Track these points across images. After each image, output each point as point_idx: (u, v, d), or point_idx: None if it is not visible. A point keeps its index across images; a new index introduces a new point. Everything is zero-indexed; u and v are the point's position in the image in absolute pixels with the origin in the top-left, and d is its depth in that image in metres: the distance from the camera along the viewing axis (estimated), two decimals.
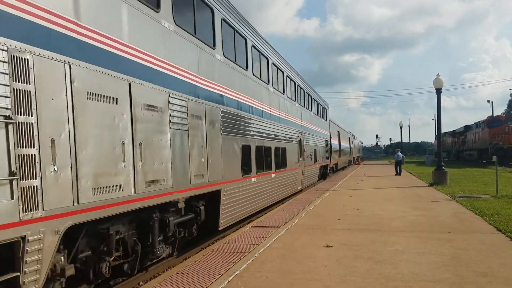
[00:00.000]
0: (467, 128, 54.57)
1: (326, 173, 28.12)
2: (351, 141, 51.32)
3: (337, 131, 36.01)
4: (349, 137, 49.06)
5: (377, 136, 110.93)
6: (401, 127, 54.34)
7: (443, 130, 32.50)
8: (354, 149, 56.90)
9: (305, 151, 19.33)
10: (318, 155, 23.29)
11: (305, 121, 20.04)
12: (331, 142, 30.37)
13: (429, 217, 10.72)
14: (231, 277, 5.95)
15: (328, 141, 28.36)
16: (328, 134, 28.81)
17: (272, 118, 13.79)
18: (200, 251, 8.16)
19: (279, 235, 8.87)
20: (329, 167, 29.34)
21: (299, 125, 18.60)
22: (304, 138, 19.34)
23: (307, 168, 19.98)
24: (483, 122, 47.05)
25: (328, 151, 28.22)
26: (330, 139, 29.82)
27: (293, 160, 16.72)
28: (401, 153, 31.59)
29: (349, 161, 49.66)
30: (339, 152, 36.75)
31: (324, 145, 26.50)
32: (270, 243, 8.08)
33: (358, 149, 70.30)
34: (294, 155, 17.11)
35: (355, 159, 58.30)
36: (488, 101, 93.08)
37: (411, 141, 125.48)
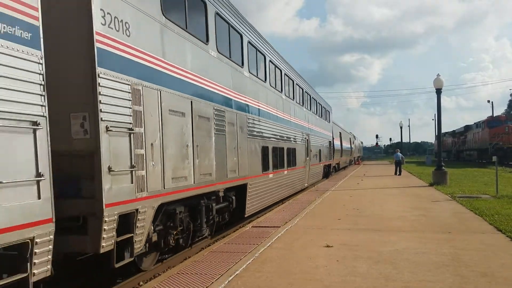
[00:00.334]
0: (467, 128, 54.66)
1: (329, 171, 29.88)
2: (352, 141, 52.92)
3: (339, 132, 37.64)
4: (350, 138, 50.69)
5: (377, 136, 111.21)
6: (401, 127, 54.71)
7: (443, 130, 32.13)
8: (354, 149, 58.39)
9: (311, 151, 21.23)
10: (322, 155, 25.16)
11: (311, 123, 21.95)
12: (334, 143, 31.94)
13: (429, 217, 10.73)
14: (231, 277, 5.99)
15: (331, 142, 30.05)
16: (331, 135, 30.48)
17: (284, 122, 15.73)
18: (200, 251, 8.47)
19: (279, 235, 8.94)
20: (331, 166, 31.09)
21: (306, 127, 20.51)
22: (310, 139, 21.25)
23: (313, 166, 21.89)
24: (483, 122, 47.07)
25: (331, 151, 29.93)
26: (333, 140, 31.41)
27: (301, 160, 18.63)
28: (401, 153, 31.13)
29: (350, 160, 51.24)
30: (341, 152, 38.47)
31: (328, 145, 28.31)
32: (270, 243, 8.15)
33: (358, 149, 71.68)
34: (302, 155, 19.02)
35: (355, 159, 59.66)
36: (488, 101, 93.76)
37: (411, 141, 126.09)
